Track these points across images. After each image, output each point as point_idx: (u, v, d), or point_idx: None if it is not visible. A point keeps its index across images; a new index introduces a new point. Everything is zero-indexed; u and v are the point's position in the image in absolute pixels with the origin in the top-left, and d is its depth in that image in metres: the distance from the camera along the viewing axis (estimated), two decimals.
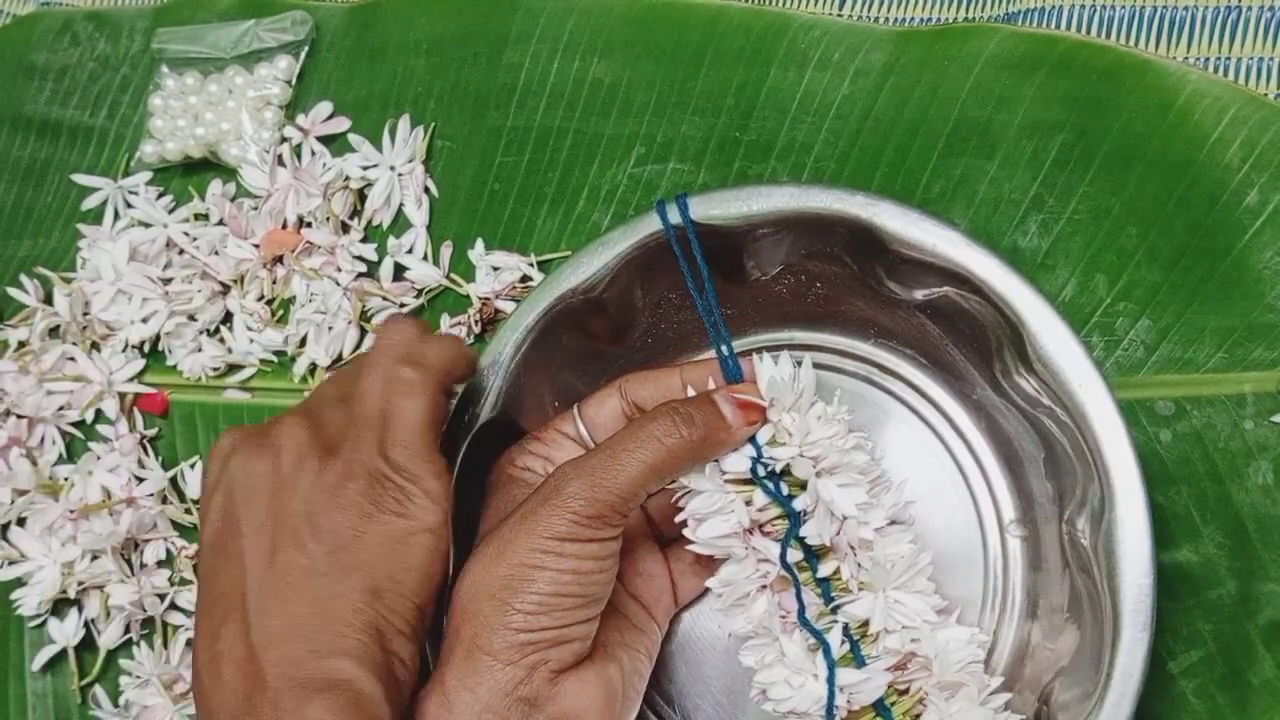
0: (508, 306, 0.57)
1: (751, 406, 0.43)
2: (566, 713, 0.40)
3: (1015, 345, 0.45)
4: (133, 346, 0.60)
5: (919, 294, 0.48)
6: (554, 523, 0.39)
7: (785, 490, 0.42)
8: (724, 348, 0.45)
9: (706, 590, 0.49)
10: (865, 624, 0.42)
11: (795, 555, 0.42)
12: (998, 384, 0.48)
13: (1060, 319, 0.43)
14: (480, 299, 0.57)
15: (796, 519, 0.42)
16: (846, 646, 0.42)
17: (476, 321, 0.57)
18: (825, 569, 0.42)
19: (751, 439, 0.43)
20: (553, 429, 0.46)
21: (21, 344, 0.61)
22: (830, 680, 0.41)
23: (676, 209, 0.46)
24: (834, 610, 0.42)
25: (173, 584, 0.57)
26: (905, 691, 0.42)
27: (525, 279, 0.57)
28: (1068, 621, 0.45)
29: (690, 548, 0.43)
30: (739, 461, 0.43)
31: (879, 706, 0.41)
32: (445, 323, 0.57)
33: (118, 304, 0.60)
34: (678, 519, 0.44)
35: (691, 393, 0.45)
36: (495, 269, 0.58)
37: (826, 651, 0.41)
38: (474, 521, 0.45)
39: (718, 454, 0.43)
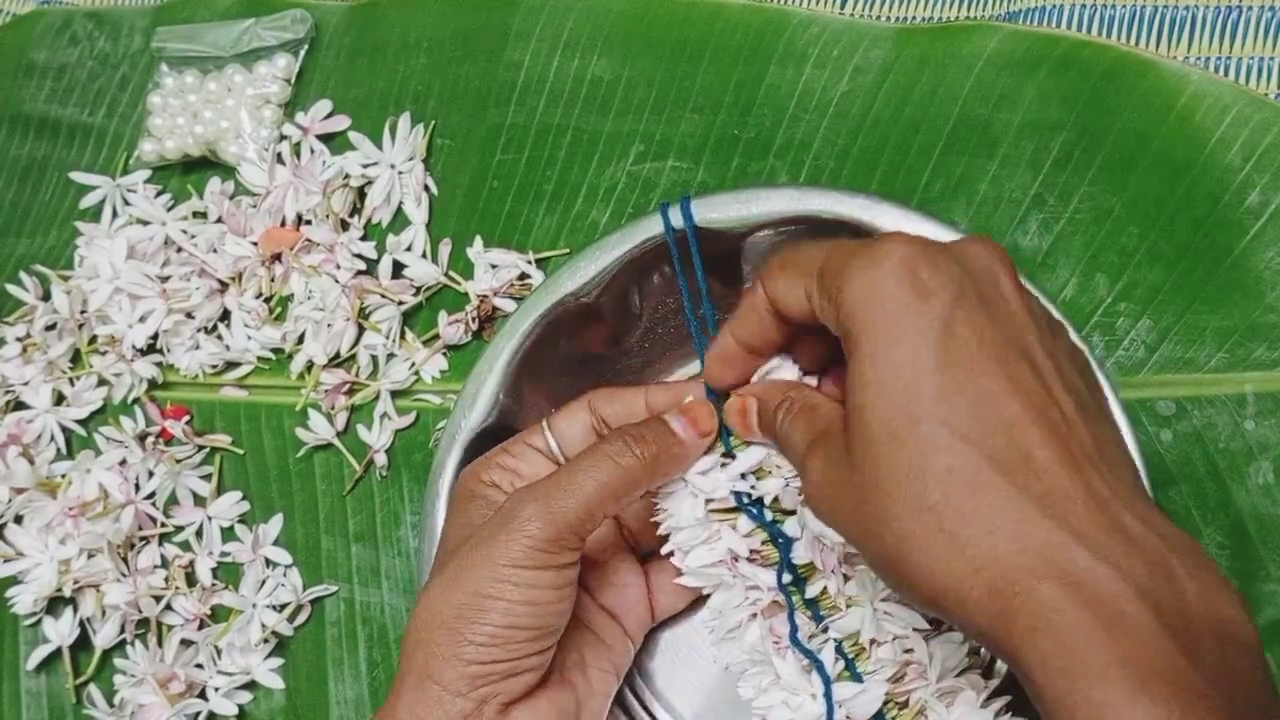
0: (506, 304, 0.57)
1: (703, 420, 0.43)
2: None
3: None
4: (135, 347, 0.60)
5: None
6: (510, 549, 0.39)
7: (770, 516, 0.42)
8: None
9: (693, 604, 0.49)
10: (857, 642, 0.42)
11: (784, 578, 0.42)
12: None
13: (1063, 324, 0.43)
14: (478, 296, 0.57)
15: (788, 544, 0.42)
16: (842, 664, 0.42)
17: (474, 319, 0.57)
18: (813, 589, 0.42)
19: (730, 456, 0.43)
20: (521, 442, 0.45)
21: (19, 340, 0.61)
22: (827, 697, 0.41)
23: (678, 210, 0.46)
24: (824, 629, 0.42)
25: (168, 584, 0.57)
26: (905, 704, 0.42)
27: (523, 276, 0.57)
28: None
29: (680, 580, 0.43)
30: (722, 492, 0.43)
31: (879, 714, 0.41)
32: (443, 320, 0.57)
33: (115, 301, 0.59)
34: (664, 550, 0.44)
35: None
36: (494, 266, 0.57)
37: (820, 669, 0.41)
38: None
39: (674, 471, 0.42)
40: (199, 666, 0.56)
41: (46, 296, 0.62)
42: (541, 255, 0.57)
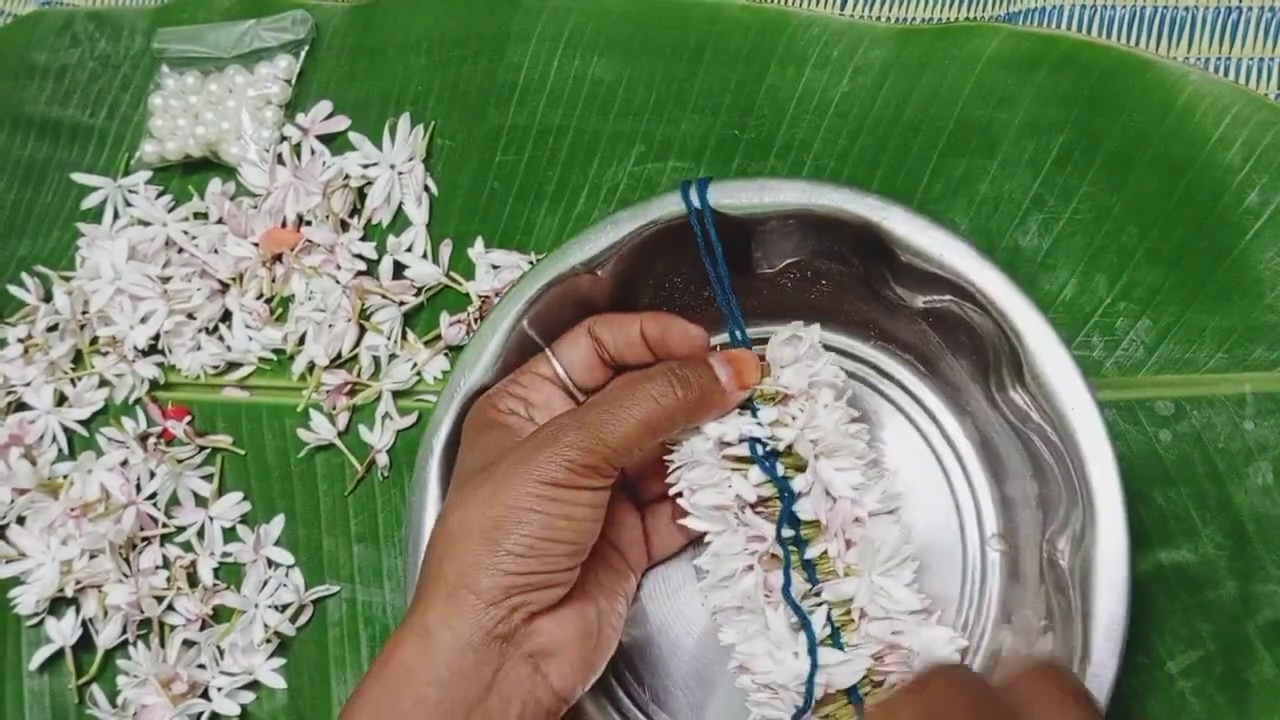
0: None
1: (746, 372, 0.43)
2: (542, 648, 0.41)
3: (1012, 361, 0.45)
4: (136, 348, 0.60)
5: (921, 300, 0.48)
6: (550, 468, 0.40)
7: (781, 471, 0.43)
8: (738, 332, 0.47)
9: (680, 551, 0.50)
10: (848, 611, 0.42)
11: (785, 533, 0.43)
12: (992, 397, 0.48)
13: (1060, 341, 0.43)
14: (480, 297, 0.57)
15: (791, 496, 0.42)
16: (828, 631, 0.42)
17: (476, 319, 0.57)
18: (814, 550, 0.43)
19: (752, 409, 0.44)
20: (530, 372, 0.47)
21: (21, 341, 0.61)
22: (812, 654, 0.41)
23: (696, 192, 0.47)
24: (818, 593, 0.43)
25: (170, 584, 0.57)
26: (880, 684, 0.42)
27: None
28: (1042, 632, 0.45)
29: (684, 521, 0.44)
30: (735, 433, 0.43)
31: (851, 693, 0.42)
32: (445, 321, 0.57)
33: (117, 302, 0.60)
34: (673, 490, 0.45)
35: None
36: (495, 267, 0.58)
37: (808, 627, 0.41)
38: None
39: (712, 415, 0.44)
40: (201, 667, 0.56)
41: (48, 297, 0.62)
42: (543, 256, 0.57)
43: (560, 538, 0.41)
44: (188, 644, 0.56)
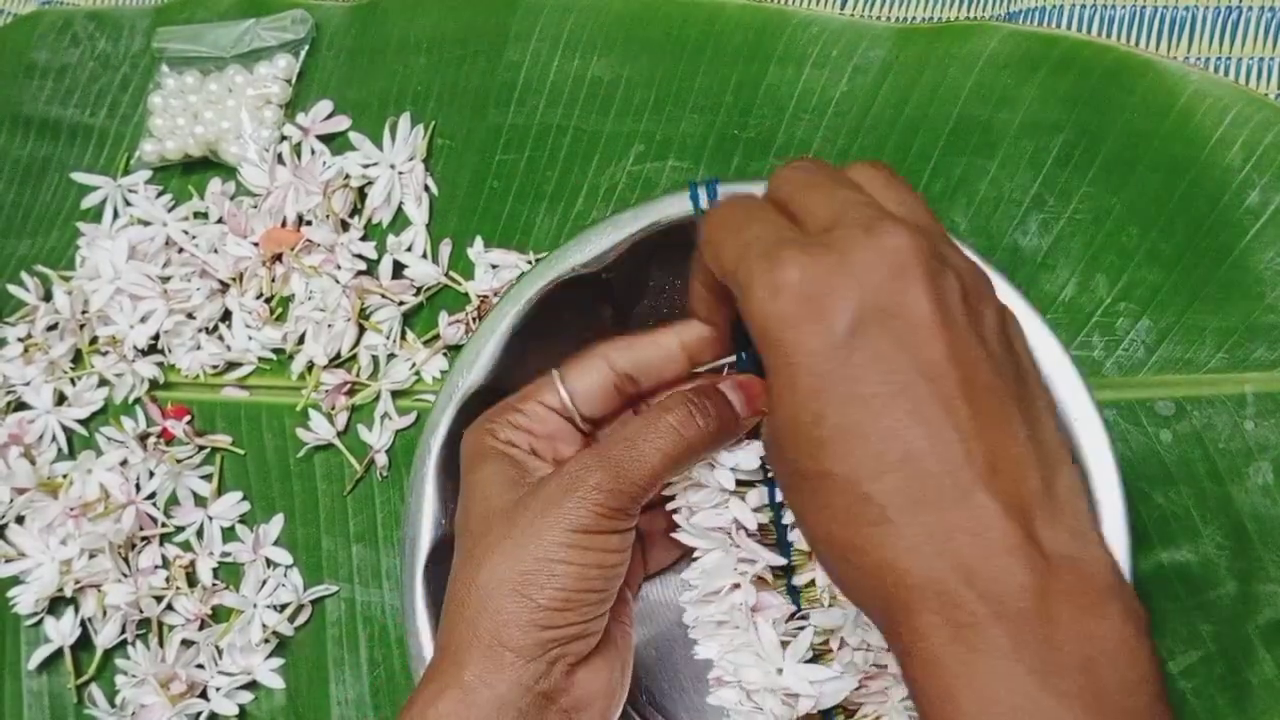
0: None
1: (757, 397, 0.43)
2: (578, 701, 0.40)
3: None
4: (136, 348, 0.60)
5: None
6: (579, 515, 0.39)
7: (780, 497, 0.43)
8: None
9: (674, 564, 0.49)
10: (826, 640, 0.42)
11: (778, 559, 0.42)
12: None
13: (1063, 351, 0.43)
14: (479, 296, 0.57)
15: (786, 527, 0.42)
16: (810, 655, 0.42)
17: (474, 319, 0.57)
18: (801, 578, 0.43)
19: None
20: (532, 401, 0.44)
21: (21, 340, 0.61)
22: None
23: (705, 194, 0.47)
24: (804, 616, 0.42)
25: (169, 584, 0.57)
26: (854, 713, 0.42)
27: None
28: None
29: (676, 534, 0.43)
30: (751, 460, 0.43)
31: (827, 715, 0.42)
32: (443, 320, 0.57)
33: (117, 302, 0.60)
34: (670, 506, 0.44)
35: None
36: (494, 267, 0.58)
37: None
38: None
39: (727, 444, 0.43)
40: (200, 667, 0.56)
41: (48, 297, 0.62)
42: (542, 256, 0.57)
43: (594, 586, 0.40)
44: (186, 644, 0.56)
